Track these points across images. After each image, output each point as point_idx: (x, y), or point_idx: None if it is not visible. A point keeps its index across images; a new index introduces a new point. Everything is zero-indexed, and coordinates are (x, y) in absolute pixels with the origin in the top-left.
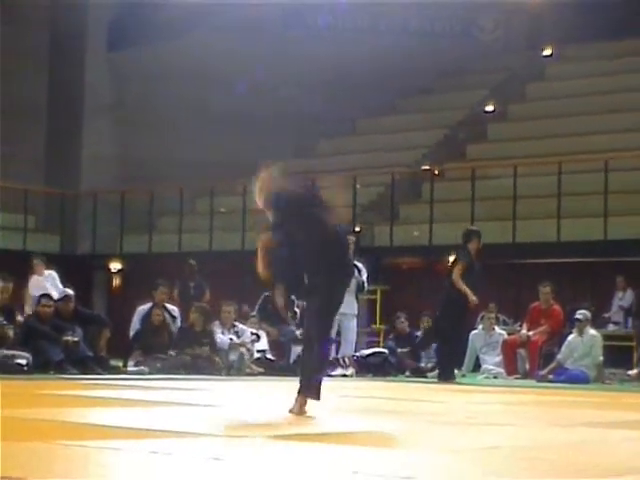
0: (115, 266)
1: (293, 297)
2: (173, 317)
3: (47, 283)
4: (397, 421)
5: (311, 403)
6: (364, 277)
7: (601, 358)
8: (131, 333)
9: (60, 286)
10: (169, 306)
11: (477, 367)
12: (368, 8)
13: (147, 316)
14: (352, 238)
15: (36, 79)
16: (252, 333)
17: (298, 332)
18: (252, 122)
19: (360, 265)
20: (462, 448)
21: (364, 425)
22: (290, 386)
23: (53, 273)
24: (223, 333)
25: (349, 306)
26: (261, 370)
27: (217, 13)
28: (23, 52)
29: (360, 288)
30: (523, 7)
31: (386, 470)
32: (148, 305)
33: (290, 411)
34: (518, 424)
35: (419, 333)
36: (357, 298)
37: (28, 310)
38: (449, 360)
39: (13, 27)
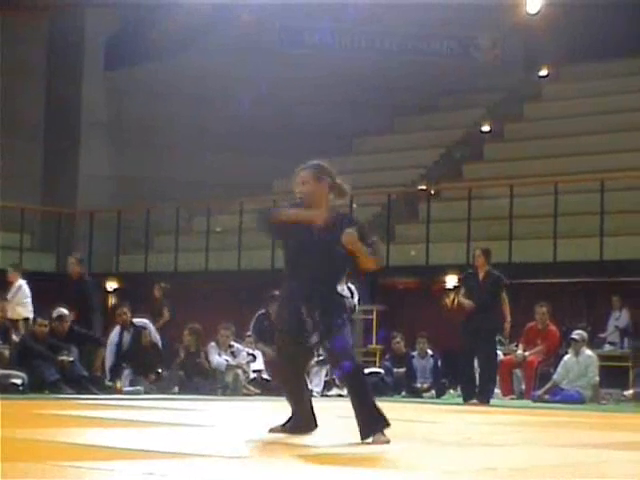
0: (111, 285)
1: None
2: (145, 329)
3: (18, 292)
4: (393, 442)
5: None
6: (355, 300)
7: (597, 378)
8: (107, 361)
9: (27, 298)
10: (137, 321)
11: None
12: (366, 27)
13: (120, 341)
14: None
15: (33, 97)
16: (248, 353)
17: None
18: (249, 141)
19: (353, 287)
20: (459, 469)
21: (360, 446)
22: (285, 406)
23: (24, 284)
24: (220, 354)
25: None
26: (257, 391)
27: (215, 32)
28: (20, 70)
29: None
30: (520, 27)
31: None
32: (115, 331)
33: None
34: (514, 445)
35: (415, 353)
36: None
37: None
38: (493, 382)
39: (10, 45)
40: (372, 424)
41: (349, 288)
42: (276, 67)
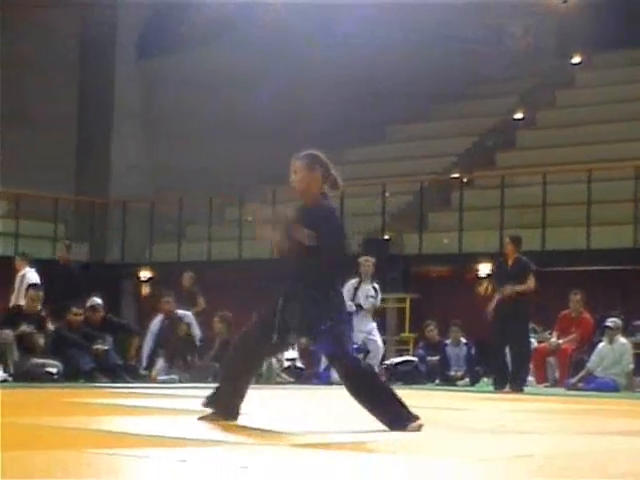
0: (144, 274)
1: None
2: (186, 324)
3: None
4: (427, 429)
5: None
6: (379, 299)
7: (631, 366)
8: (145, 349)
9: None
10: (180, 312)
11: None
12: (398, 15)
13: (160, 329)
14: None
15: (66, 88)
16: None
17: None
18: (281, 129)
19: (377, 287)
20: (493, 456)
21: (394, 434)
22: (318, 394)
23: (28, 272)
24: None
25: (365, 324)
26: (291, 379)
27: (245, 21)
28: (53, 62)
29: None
30: (553, 14)
31: (417, 478)
32: (158, 318)
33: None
34: (548, 432)
35: (448, 341)
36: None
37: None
38: (526, 370)
39: (43, 37)
40: (394, 422)
41: (374, 288)
42: (308, 55)
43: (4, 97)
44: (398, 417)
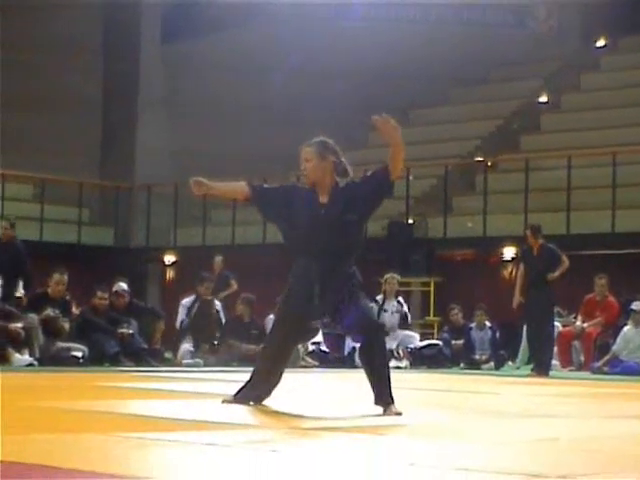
0: (169, 258)
1: None
2: (216, 311)
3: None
4: (452, 413)
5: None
6: (405, 309)
7: None
8: (177, 325)
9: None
10: (211, 298)
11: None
12: None
13: (191, 308)
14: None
15: (91, 73)
16: None
17: None
18: (303, 114)
19: (402, 300)
20: (518, 440)
21: (419, 417)
22: (344, 378)
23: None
24: None
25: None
26: (315, 363)
27: (271, 5)
28: (78, 46)
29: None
30: None
31: (442, 462)
32: (191, 298)
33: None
34: (574, 416)
35: (473, 325)
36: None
37: None
38: (549, 354)
39: (67, 21)
40: (386, 396)
41: (398, 302)
42: (331, 39)
43: (29, 82)
44: (390, 394)
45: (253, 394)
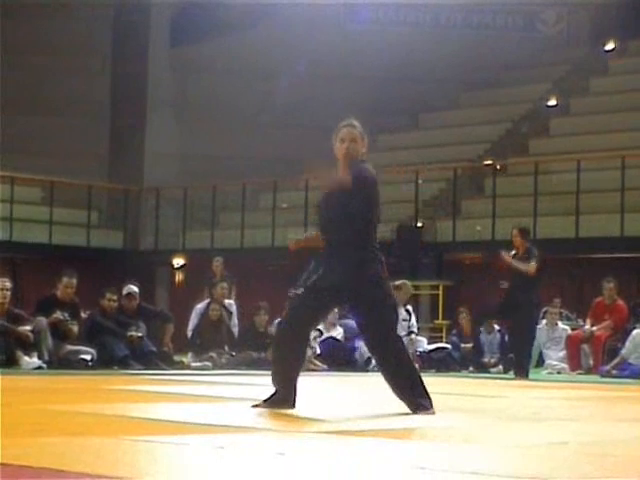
0: (178, 262)
1: None
2: (229, 312)
3: None
4: (462, 416)
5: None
6: (414, 320)
7: None
8: (189, 331)
9: None
10: (226, 301)
11: (540, 362)
12: (431, 2)
13: (204, 313)
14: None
15: (99, 75)
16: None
17: None
18: (314, 117)
19: (411, 309)
20: (528, 444)
21: (429, 420)
22: (352, 381)
23: None
24: None
25: None
26: (324, 366)
27: (279, 8)
28: (87, 49)
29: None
30: (586, 1)
31: (452, 465)
32: (205, 302)
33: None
34: (583, 420)
35: (482, 328)
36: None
37: None
38: (527, 357)
39: (77, 24)
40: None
41: (407, 310)
42: (341, 42)
43: (38, 85)
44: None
45: (279, 398)
